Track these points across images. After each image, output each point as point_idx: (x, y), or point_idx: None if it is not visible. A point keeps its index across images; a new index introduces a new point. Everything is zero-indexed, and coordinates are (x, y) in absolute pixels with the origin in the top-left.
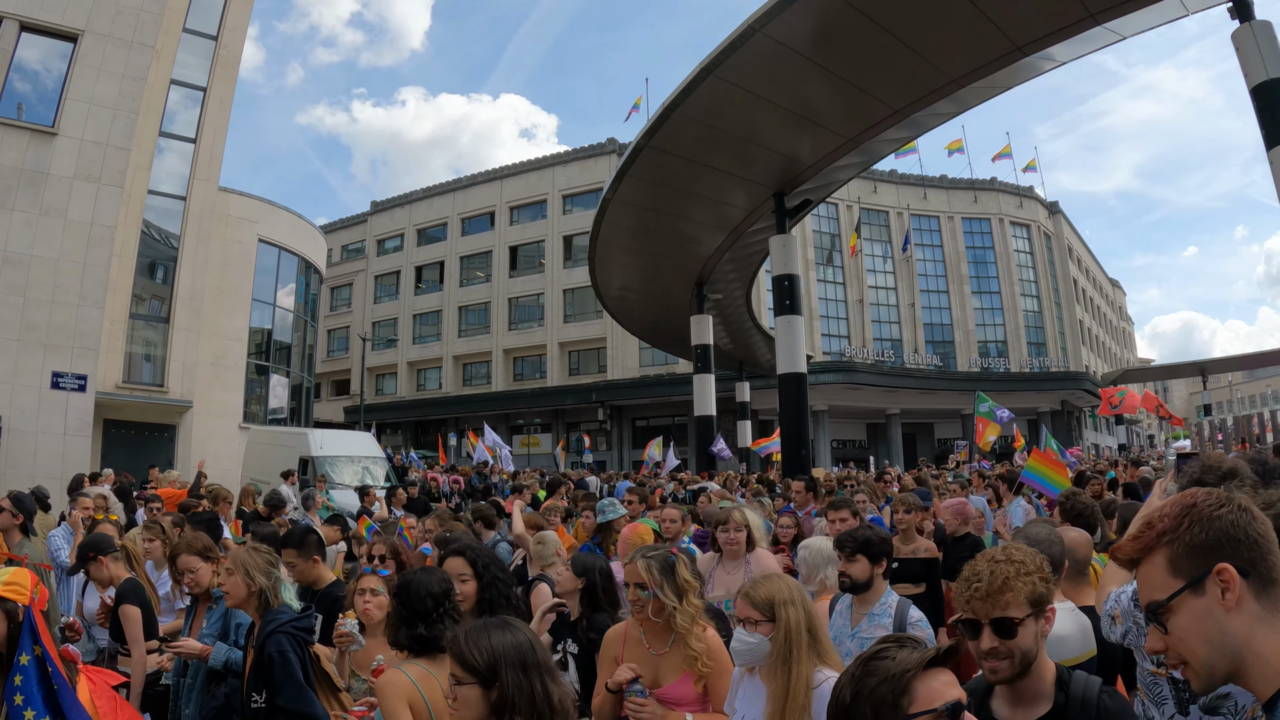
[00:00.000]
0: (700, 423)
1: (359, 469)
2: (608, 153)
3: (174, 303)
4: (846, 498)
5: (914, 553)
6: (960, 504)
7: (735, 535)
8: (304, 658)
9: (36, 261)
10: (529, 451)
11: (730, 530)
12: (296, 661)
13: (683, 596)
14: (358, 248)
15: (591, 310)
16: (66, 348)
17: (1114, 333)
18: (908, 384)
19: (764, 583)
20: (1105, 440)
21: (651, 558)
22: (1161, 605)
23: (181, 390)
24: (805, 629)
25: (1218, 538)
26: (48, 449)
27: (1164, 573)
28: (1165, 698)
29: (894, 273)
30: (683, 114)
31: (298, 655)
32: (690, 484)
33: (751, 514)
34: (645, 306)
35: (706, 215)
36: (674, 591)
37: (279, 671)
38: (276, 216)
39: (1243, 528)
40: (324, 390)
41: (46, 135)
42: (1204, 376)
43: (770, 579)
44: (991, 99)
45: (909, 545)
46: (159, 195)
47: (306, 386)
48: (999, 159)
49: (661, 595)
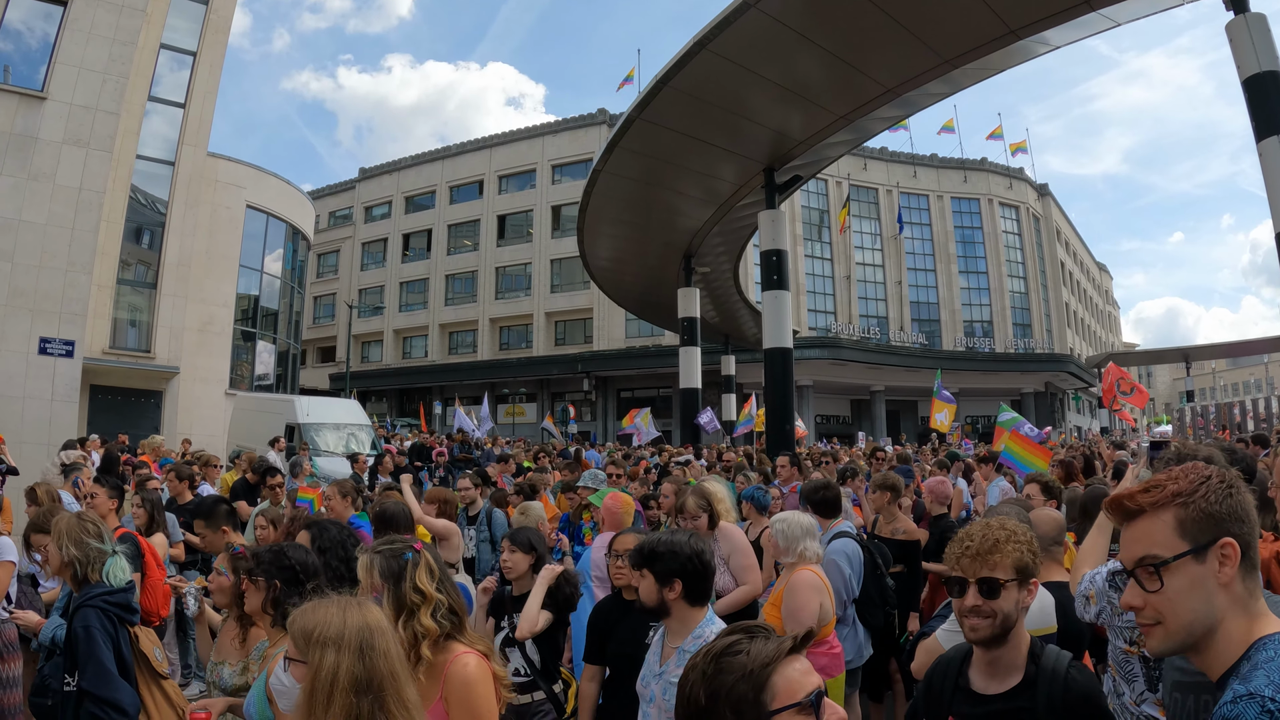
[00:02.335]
0: (685, 395)
1: (345, 436)
2: (598, 123)
3: (161, 268)
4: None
5: (894, 533)
6: (939, 484)
7: (693, 524)
8: (116, 636)
9: (24, 226)
10: (514, 421)
11: (687, 520)
12: (104, 640)
13: (402, 614)
14: (345, 214)
15: (579, 280)
16: (54, 313)
17: (1099, 316)
18: (892, 361)
19: (313, 611)
20: (1088, 423)
21: (379, 553)
22: (1164, 563)
23: (168, 356)
24: (350, 687)
25: (1230, 512)
26: (34, 415)
27: (1171, 532)
28: (1136, 675)
29: (881, 250)
30: (674, 87)
31: (108, 634)
32: (676, 456)
33: (715, 485)
34: (633, 278)
35: (696, 189)
36: (394, 605)
37: (82, 650)
38: (265, 182)
39: (1249, 509)
40: (310, 357)
41: (35, 99)
42: (1188, 363)
43: (324, 608)
44: (984, 80)
45: (889, 525)
46: (147, 160)
47: (293, 353)
48: (991, 139)
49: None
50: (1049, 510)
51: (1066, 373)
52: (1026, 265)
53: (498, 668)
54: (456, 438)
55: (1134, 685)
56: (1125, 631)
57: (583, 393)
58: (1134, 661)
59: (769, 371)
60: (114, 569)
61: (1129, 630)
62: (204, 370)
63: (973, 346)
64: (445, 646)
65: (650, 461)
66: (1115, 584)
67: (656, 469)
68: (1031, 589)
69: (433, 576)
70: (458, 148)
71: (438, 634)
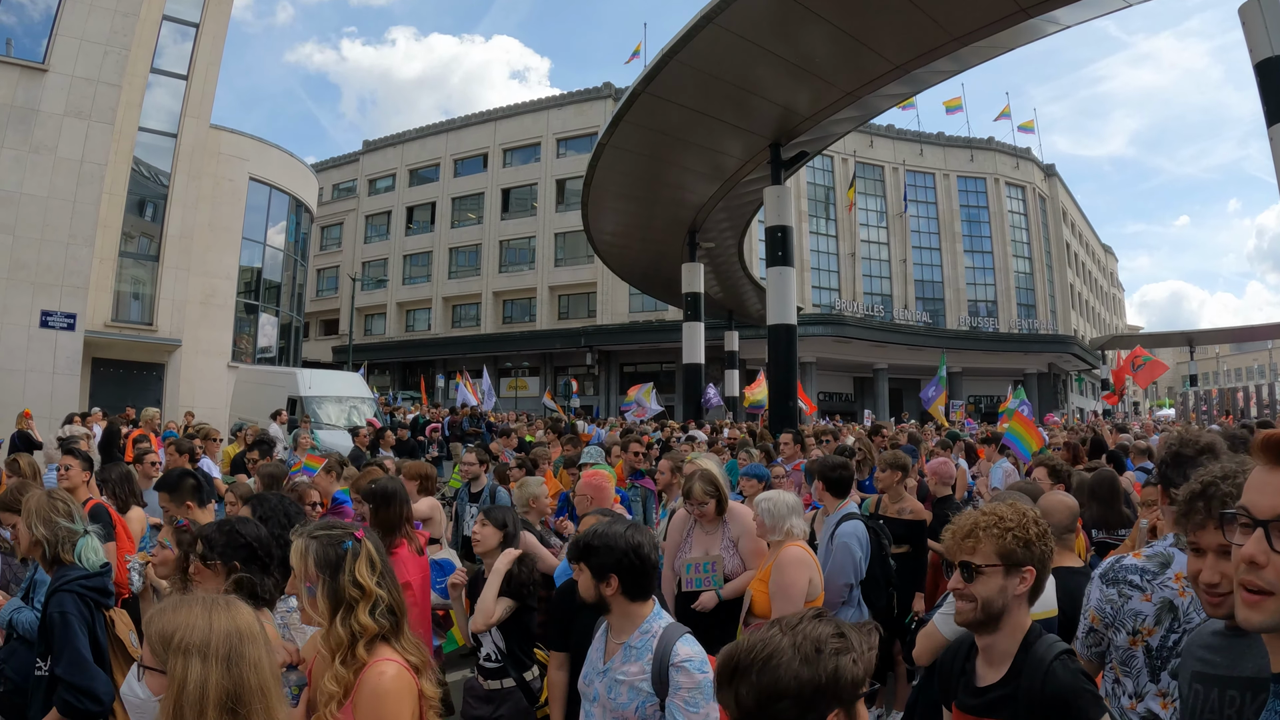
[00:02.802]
0: (688, 371)
1: (347, 409)
2: (603, 97)
3: (164, 241)
4: None
5: (900, 513)
6: (942, 464)
7: (701, 510)
8: (93, 622)
9: (26, 199)
10: (516, 394)
11: (694, 505)
12: (79, 626)
13: (339, 609)
14: (349, 187)
15: (582, 254)
16: (55, 286)
17: (1104, 298)
18: (896, 339)
19: (173, 612)
20: (1090, 405)
21: (315, 539)
22: None
23: (170, 329)
24: (219, 704)
25: None
26: (36, 388)
27: None
28: (1140, 668)
29: (887, 228)
30: (681, 61)
31: (84, 618)
32: (679, 431)
33: (710, 465)
34: (637, 252)
35: (701, 164)
36: (330, 598)
37: (58, 636)
38: (268, 155)
39: None
40: (313, 330)
41: (37, 72)
42: (1191, 347)
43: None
44: (992, 59)
45: (895, 505)
46: (150, 132)
47: (295, 326)
48: (999, 119)
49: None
50: (1060, 495)
51: (1070, 354)
52: (1032, 246)
53: (428, 686)
54: (463, 412)
55: (1138, 679)
56: (1129, 621)
57: (585, 367)
58: (1137, 652)
59: (772, 348)
60: (85, 550)
61: (1133, 620)
62: (206, 343)
63: (977, 326)
64: (374, 648)
65: (652, 436)
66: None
67: (659, 444)
68: (1025, 577)
69: (373, 569)
70: (462, 120)
71: (375, 633)
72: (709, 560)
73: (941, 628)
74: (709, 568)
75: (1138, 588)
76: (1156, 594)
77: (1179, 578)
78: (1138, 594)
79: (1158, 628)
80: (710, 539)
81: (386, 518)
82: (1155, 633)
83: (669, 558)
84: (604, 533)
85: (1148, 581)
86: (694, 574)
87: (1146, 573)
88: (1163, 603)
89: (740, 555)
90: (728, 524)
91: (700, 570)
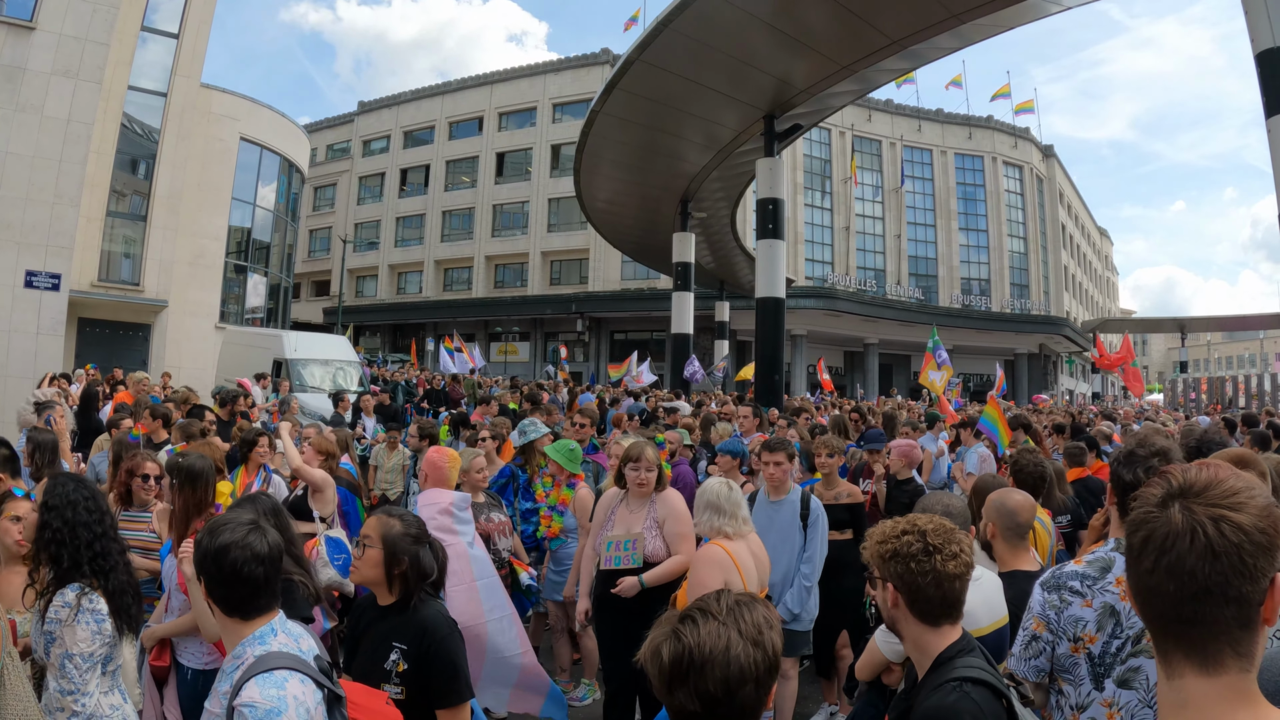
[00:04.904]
0: (676, 341)
1: (332, 371)
2: (601, 63)
3: (152, 200)
4: (782, 438)
5: (836, 498)
6: (908, 446)
7: (646, 475)
8: None
9: (11, 159)
10: (506, 359)
11: (641, 469)
12: None
13: None
14: (343, 148)
15: (576, 221)
16: (40, 246)
17: (1098, 281)
18: (887, 315)
19: None
20: (1080, 387)
21: None
22: None
23: (157, 289)
24: None
25: None
26: (20, 348)
27: None
28: (1082, 677)
29: (882, 203)
30: (677, 29)
31: None
32: (665, 400)
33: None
34: (629, 220)
35: (696, 133)
36: None
37: None
38: (259, 115)
39: None
40: (304, 290)
41: (24, 29)
42: (1183, 333)
43: None
44: (993, 37)
45: (830, 491)
46: (139, 91)
47: (285, 286)
48: (998, 98)
49: None
50: (1024, 494)
51: (1062, 335)
52: (1027, 226)
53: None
54: (443, 379)
55: (1079, 689)
56: (1070, 628)
57: (576, 333)
58: (1080, 660)
59: (760, 321)
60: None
61: (1074, 626)
62: (194, 304)
63: (969, 304)
64: None
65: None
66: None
67: (641, 415)
68: (888, 592)
69: None
70: (458, 83)
71: None
72: (630, 538)
73: (881, 646)
74: (629, 545)
75: (1078, 593)
76: (1097, 599)
77: (1119, 582)
78: (1078, 600)
79: (1099, 634)
80: (634, 517)
81: (192, 498)
82: (1097, 639)
83: (592, 535)
84: (206, 528)
85: (1088, 587)
86: (614, 551)
87: (1087, 578)
88: (1104, 607)
89: (664, 538)
90: (655, 504)
91: (620, 548)
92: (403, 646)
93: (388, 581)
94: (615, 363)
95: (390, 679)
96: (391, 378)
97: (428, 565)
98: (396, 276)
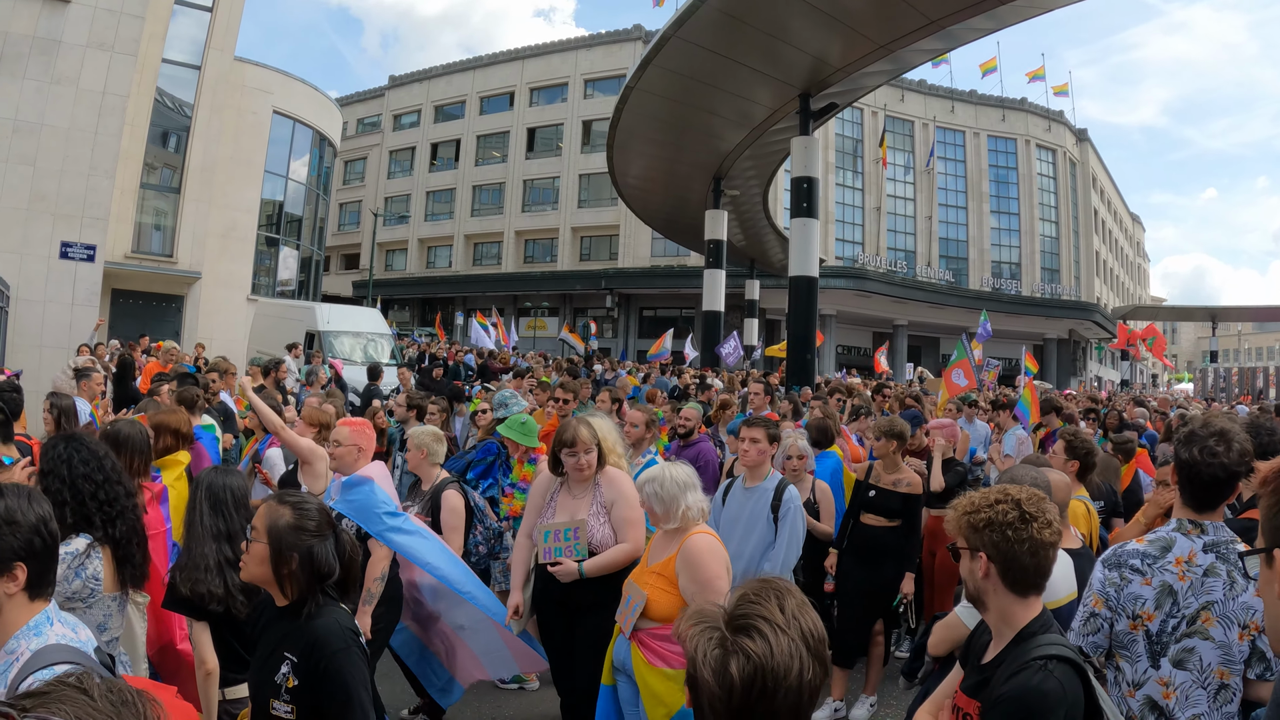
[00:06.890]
0: (707, 318)
1: (364, 343)
2: (633, 39)
3: (185, 173)
4: (763, 416)
5: (895, 485)
6: (950, 425)
7: (585, 459)
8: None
9: (47, 130)
10: (534, 334)
11: (579, 454)
12: None
13: None
14: (374, 122)
15: (606, 197)
16: (75, 217)
17: (1129, 268)
18: (917, 296)
19: None
20: (1109, 374)
21: None
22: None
23: (190, 261)
24: None
25: None
26: (55, 319)
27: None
28: (1140, 654)
29: (914, 184)
30: (713, 6)
31: None
32: (698, 376)
33: (601, 422)
34: (661, 197)
35: (729, 110)
36: None
37: None
38: (291, 88)
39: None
40: (334, 264)
41: (59, 3)
42: (1214, 323)
43: None
44: (1030, 19)
45: (891, 476)
46: (173, 64)
47: (316, 260)
48: (1033, 80)
49: None
50: (1059, 473)
51: (1092, 321)
52: (1059, 210)
53: None
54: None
55: (1137, 666)
56: (1129, 605)
57: (605, 309)
58: (1138, 638)
59: (793, 299)
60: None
61: (1133, 604)
62: (226, 276)
63: (999, 288)
64: None
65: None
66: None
67: (674, 391)
68: (979, 562)
69: None
70: (489, 58)
71: None
72: (571, 526)
73: (965, 618)
74: (570, 535)
75: (1138, 571)
76: (1156, 578)
77: (1179, 562)
78: (1138, 578)
79: (1157, 612)
80: (578, 503)
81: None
82: (1155, 617)
83: (526, 524)
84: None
85: (1148, 565)
86: (552, 542)
87: (1148, 557)
88: (1162, 586)
89: (611, 524)
90: (601, 486)
91: (560, 538)
92: (293, 659)
93: (278, 581)
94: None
95: (280, 694)
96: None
97: (324, 563)
98: (426, 250)
